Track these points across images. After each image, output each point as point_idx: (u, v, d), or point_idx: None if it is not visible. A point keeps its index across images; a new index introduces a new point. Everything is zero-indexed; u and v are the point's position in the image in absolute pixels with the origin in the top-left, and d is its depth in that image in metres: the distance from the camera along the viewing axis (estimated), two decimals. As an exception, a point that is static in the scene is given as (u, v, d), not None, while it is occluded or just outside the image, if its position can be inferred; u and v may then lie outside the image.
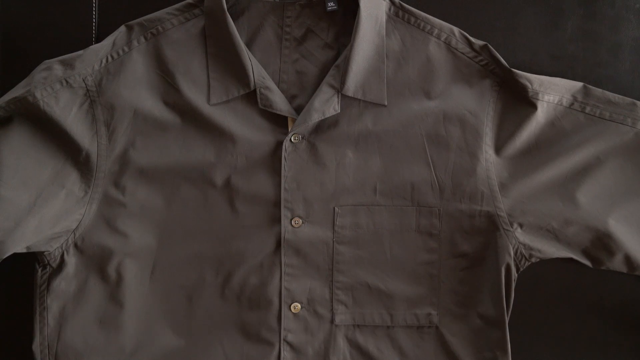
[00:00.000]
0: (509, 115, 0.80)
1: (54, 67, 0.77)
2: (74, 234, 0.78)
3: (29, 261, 0.79)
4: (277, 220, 0.79)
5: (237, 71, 0.79)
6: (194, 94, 0.79)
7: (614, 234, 0.79)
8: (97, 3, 0.86)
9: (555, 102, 0.81)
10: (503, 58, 0.81)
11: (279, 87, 0.80)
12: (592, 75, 0.86)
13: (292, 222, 0.79)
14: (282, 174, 0.79)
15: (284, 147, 0.79)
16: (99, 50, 0.79)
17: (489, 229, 0.80)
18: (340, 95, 0.78)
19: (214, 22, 0.79)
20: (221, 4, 0.78)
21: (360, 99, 0.80)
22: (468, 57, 0.81)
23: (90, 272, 0.79)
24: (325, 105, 0.78)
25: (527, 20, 0.87)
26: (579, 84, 0.82)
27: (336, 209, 0.80)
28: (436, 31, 0.82)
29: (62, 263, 0.78)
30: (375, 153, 0.80)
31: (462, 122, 0.80)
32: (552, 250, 0.80)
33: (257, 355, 0.79)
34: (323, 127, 0.80)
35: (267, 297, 0.79)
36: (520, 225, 0.79)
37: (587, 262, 0.81)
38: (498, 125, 0.81)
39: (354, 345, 0.80)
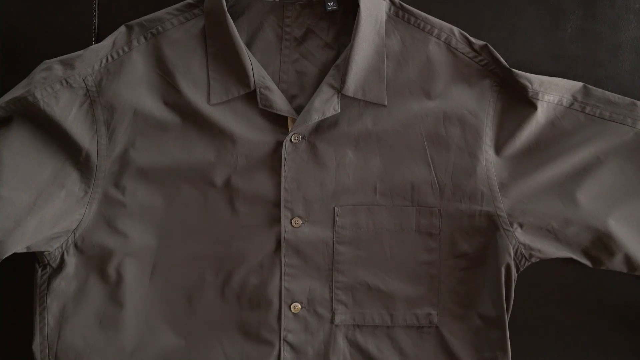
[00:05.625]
0: (509, 115, 0.80)
1: (54, 67, 0.77)
2: (74, 234, 0.78)
3: (29, 261, 0.79)
4: (277, 220, 0.79)
5: (237, 71, 0.79)
6: (194, 94, 0.79)
7: (614, 234, 0.79)
8: (97, 3, 0.86)
9: (555, 102, 0.81)
10: (503, 58, 0.81)
11: (279, 87, 0.80)
12: (592, 75, 0.86)
13: (292, 222, 0.79)
14: (282, 174, 0.79)
15: (284, 147, 0.79)
16: (99, 50, 0.79)
17: (489, 229, 0.80)
18: (340, 95, 0.78)
19: (214, 22, 0.79)
20: (221, 4, 0.78)
21: (360, 99, 0.80)
22: (468, 57, 0.81)
23: (90, 272, 0.79)
24: (325, 105, 0.78)
25: (527, 20, 0.87)
26: (579, 84, 0.82)
27: (336, 209, 0.80)
28: (436, 31, 0.82)
29: (62, 263, 0.78)
30: (375, 153, 0.80)
31: (462, 122, 0.80)
32: (552, 250, 0.80)
33: (257, 355, 0.79)
34: (323, 127, 0.80)
35: (267, 297, 0.79)
36: (520, 225, 0.79)
37: (587, 262, 0.81)
38: (498, 125, 0.81)
39: (354, 345, 0.80)
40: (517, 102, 0.80)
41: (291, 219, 0.79)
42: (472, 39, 0.82)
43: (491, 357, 0.79)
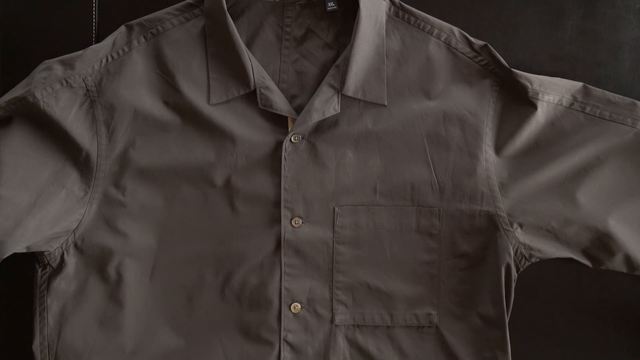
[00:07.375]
0: (509, 115, 0.80)
1: (54, 67, 0.77)
2: (74, 234, 0.78)
3: (29, 261, 0.79)
4: (277, 220, 0.79)
5: (237, 71, 0.79)
6: (194, 94, 0.79)
7: (614, 234, 0.79)
8: (97, 3, 0.86)
9: (555, 102, 0.81)
10: (503, 58, 0.81)
11: (279, 87, 0.80)
12: (592, 75, 0.86)
13: (292, 222, 0.79)
14: (282, 174, 0.79)
15: (284, 147, 0.79)
16: (99, 50, 0.79)
17: (489, 229, 0.80)
18: (340, 95, 0.78)
19: (214, 22, 0.79)
20: (221, 4, 0.78)
21: (360, 99, 0.80)
22: (468, 57, 0.81)
23: (90, 272, 0.79)
24: (325, 105, 0.78)
25: (527, 20, 0.87)
26: (579, 84, 0.82)
27: (336, 209, 0.80)
28: (436, 31, 0.82)
29: (62, 263, 0.78)
30: (375, 153, 0.80)
31: (462, 122, 0.80)
32: (552, 250, 0.80)
33: (257, 355, 0.79)
34: (323, 127, 0.80)
35: (267, 297, 0.79)
36: (520, 225, 0.79)
37: (587, 262, 0.81)
38: (498, 125, 0.81)
39: (354, 345, 0.80)
40: (517, 102, 0.80)
41: (291, 219, 0.79)
42: (472, 39, 0.82)
43: (491, 357, 0.79)
